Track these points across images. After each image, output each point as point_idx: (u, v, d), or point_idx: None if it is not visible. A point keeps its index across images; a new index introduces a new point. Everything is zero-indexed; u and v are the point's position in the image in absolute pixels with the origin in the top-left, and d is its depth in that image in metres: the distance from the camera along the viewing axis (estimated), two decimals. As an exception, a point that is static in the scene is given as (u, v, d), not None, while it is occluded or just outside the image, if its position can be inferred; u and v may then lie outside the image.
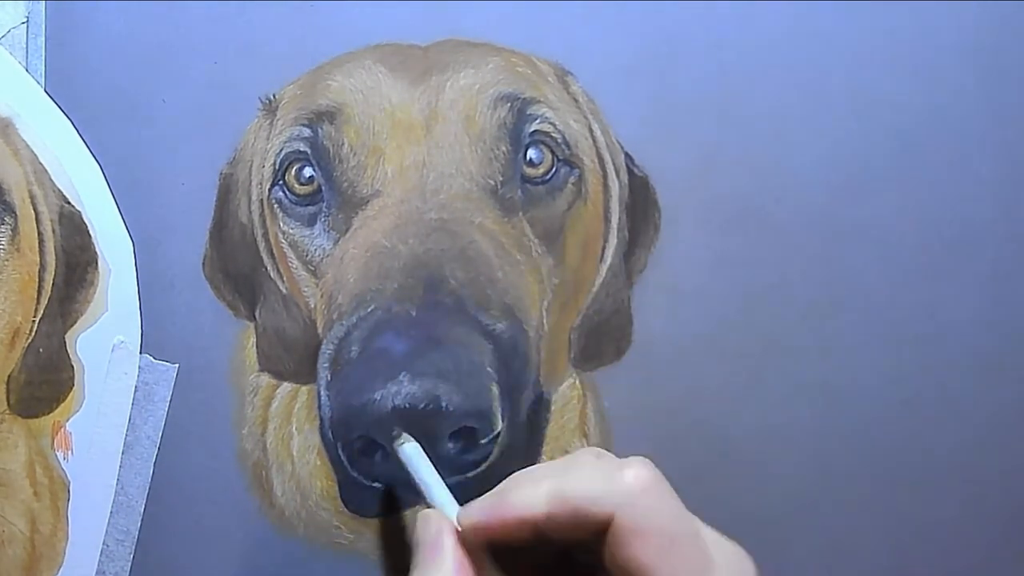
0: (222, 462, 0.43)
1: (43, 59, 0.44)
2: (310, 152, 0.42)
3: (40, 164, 0.43)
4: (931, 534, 0.43)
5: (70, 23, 0.44)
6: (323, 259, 0.42)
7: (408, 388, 0.38)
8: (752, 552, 0.41)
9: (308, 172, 0.42)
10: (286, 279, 0.43)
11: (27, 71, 0.44)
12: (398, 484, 0.41)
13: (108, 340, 0.43)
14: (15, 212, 0.43)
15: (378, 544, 0.42)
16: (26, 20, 0.44)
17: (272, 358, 0.43)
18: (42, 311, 0.43)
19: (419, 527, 0.33)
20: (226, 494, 0.43)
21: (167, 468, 0.43)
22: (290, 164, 0.43)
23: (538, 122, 0.42)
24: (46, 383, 0.43)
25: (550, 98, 0.42)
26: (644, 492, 0.30)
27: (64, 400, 0.43)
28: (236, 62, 0.43)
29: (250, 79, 0.43)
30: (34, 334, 0.43)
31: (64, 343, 0.43)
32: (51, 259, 0.43)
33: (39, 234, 0.43)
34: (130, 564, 0.43)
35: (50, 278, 0.43)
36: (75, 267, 0.43)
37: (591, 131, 0.42)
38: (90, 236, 0.43)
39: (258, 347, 0.43)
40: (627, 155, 0.43)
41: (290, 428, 0.42)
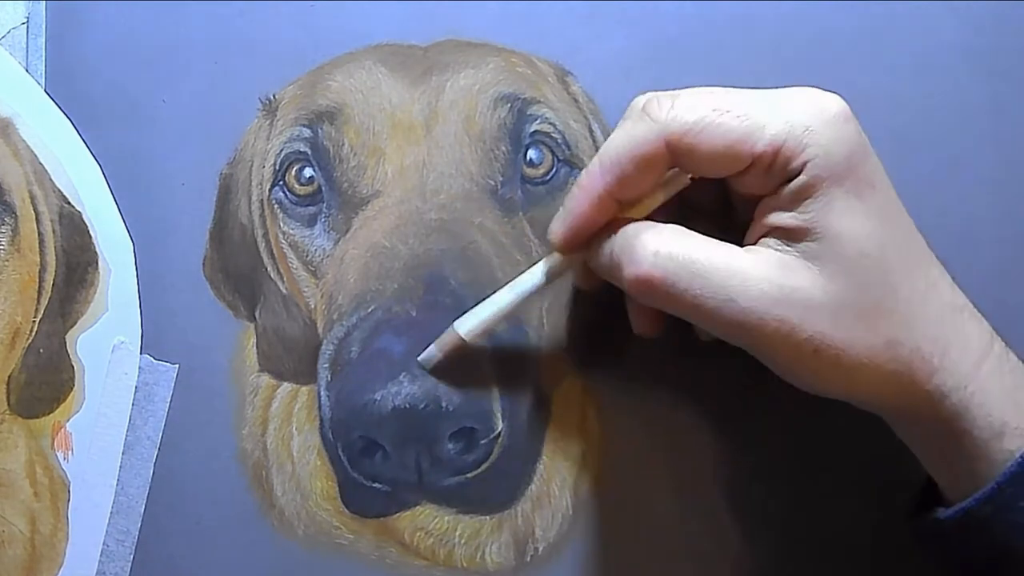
0: (222, 462, 0.43)
1: (43, 59, 0.44)
2: (310, 152, 0.42)
3: (40, 164, 0.43)
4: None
5: (70, 23, 0.44)
6: (323, 259, 0.42)
7: (408, 388, 0.39)
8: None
9: (308, 172, 0.42)
10: (286, 279, 0.43)
11: (27, 71, 0.44)
12: (398, 484, 0.41)
13: (108, 340, 0.43)
14: (15, 212, 0.43)
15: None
16: (26, 20, 0.44)
17: (272, 358, 0.43)
18: (42, 311, 0.43)
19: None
20: (226, 494, 0.43)
21: (167, 468, 0.43)
22: (290, 164, 0.43)
23: (538, 122, 0.42)
24: (46, 383, 0.43)
25: (550, 98, 0.42)
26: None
27: (64, 400, 0.43)
28: (236, 62, 0.43)
29: (250, 79, 0.43)
30: (34, 334, 0.43)
31: (64, 343, 0.43)
32: (51, 259, 0.43)
33: (39, 234, 0.43)
34: (130, 564, 0.43)
35: (50, 278, 0.43)
36: (75, 267, 0.43)
37: (591, 131, 0.42)
38: (90, 236, 0.43)
39: (258, 347, 0.43)
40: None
41: (290, 428, 0.42)
